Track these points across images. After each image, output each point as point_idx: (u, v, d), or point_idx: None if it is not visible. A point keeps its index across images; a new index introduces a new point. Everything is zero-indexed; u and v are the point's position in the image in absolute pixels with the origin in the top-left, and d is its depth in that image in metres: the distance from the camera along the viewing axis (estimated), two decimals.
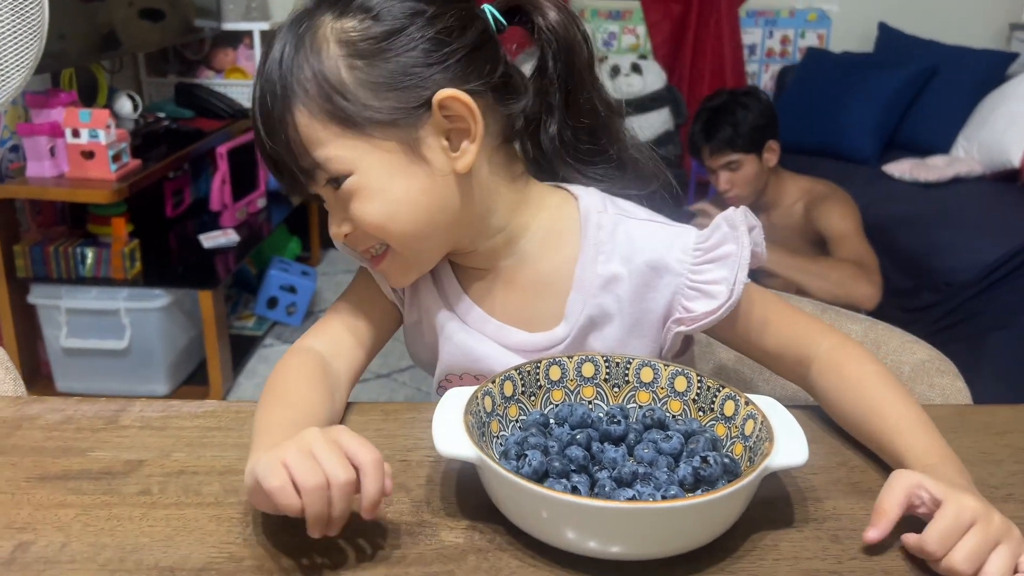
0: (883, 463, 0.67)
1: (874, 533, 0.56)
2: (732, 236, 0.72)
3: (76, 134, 2.10)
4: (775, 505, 0.61)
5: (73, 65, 2.42)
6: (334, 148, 0.67)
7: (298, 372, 0.72)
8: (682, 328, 0.74)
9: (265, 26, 3.29)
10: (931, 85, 3.25)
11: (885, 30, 3.56)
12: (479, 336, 0.78)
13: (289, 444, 0.54)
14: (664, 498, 0.56)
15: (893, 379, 0.70)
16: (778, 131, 2.10)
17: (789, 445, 0.58)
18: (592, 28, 3.80)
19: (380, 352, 0.83)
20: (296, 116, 0.67)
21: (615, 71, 3.17)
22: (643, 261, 0.74)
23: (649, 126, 3.17)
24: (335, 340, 0.77)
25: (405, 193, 0.68)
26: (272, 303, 2.79)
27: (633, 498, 0.56)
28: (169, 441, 0.69)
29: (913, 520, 0.57)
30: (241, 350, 2.60)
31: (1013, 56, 3.30)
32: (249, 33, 3.30)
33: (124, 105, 2.64)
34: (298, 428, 0.57)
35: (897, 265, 2.41)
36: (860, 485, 0.65)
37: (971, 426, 0.75)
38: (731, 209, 0.73)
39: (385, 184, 0.68)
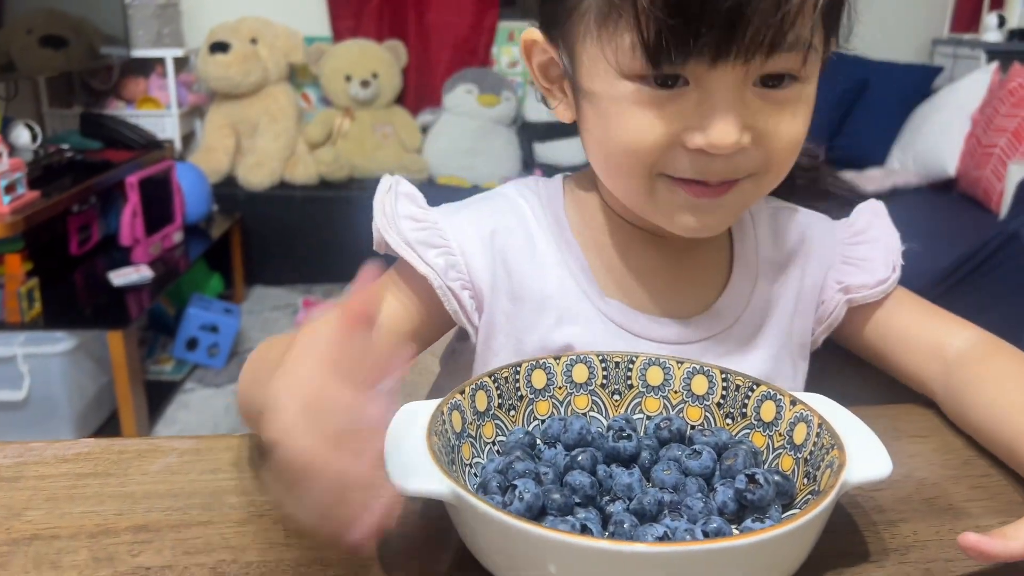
0: (961, 474, 0.54)
1: (978, 541, 0.42)
2: (878, 223, 0.70)
3: None
4: (840, 533, 0.47)
5: None
6: (819, 40, 0.54)
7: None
8: (852, 296, 0.67)
9: (179, 52, 3.09)
10: (862, 99, 3.27)
11: None
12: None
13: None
14: (705, 533, 0.41)
15: None
16: None
17: (864, 453, 0.43)
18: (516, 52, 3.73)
19: None
20: None
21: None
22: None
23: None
24: None
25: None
26: (192, 344, 2.56)
27: (664, 536, 0.41)
28: (23, 496, 0.51)
29: None
30: (159, 397, 2.36)
31: (938, 70, 3.37)
32: (161, 61, 3.09)
33: (21, 135, 2.42)
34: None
35: None
36: (937, 503, 0.51)
37: None
38: (872, 200, 0.72)
39: (812, 103, 0.58)
